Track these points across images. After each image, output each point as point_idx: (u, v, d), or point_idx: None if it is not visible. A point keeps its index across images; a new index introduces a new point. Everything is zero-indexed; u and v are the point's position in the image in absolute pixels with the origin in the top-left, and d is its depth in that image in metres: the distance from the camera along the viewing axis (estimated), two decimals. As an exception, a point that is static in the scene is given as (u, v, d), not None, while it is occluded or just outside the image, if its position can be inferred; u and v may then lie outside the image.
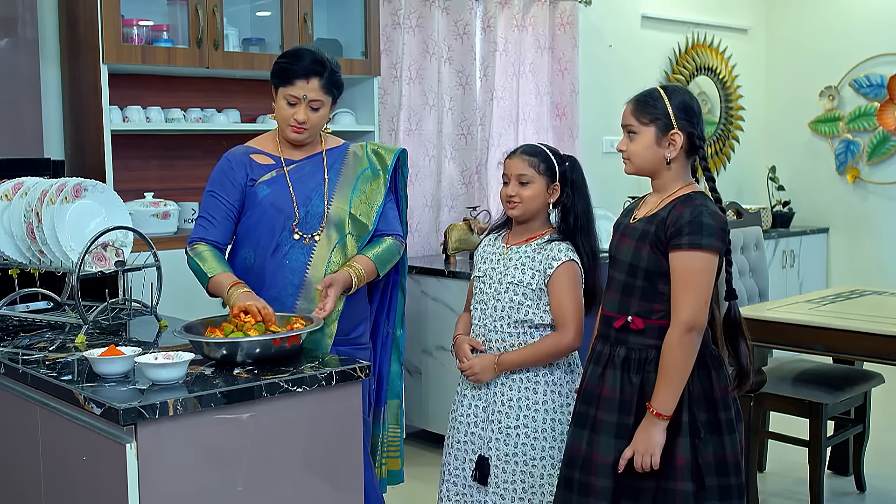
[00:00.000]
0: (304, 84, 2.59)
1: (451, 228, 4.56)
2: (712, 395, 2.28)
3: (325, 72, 2.60)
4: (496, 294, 2.63)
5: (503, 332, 2.62)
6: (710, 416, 2.28)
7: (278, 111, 2.64)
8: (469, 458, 2.65)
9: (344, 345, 2.67)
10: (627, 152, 2.36)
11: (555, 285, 2.58)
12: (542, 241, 2.63)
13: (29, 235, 2.76)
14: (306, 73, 2.58)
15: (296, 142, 2.68)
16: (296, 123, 2.61)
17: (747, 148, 6.72)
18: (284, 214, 2.63)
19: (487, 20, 4.98)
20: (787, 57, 6.71)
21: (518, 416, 2.59)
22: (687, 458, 2.25)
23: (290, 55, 2.63)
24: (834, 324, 3.24)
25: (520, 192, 2.62)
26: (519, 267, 2.61)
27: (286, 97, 2.60)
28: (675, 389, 2.23)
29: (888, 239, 6.32)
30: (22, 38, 3.61)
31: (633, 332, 2.30)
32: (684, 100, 2.31)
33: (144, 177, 3.95)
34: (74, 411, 2.09)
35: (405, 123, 4.73)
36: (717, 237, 2.22)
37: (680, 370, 2.23)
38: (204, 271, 2.59)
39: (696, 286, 2.21)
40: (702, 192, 2.32)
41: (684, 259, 2.22)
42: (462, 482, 2.66)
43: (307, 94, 2.59)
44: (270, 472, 2.11)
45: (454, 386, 2.81)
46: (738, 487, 2.29)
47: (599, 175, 5.78)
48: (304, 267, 2.63)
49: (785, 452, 4.02)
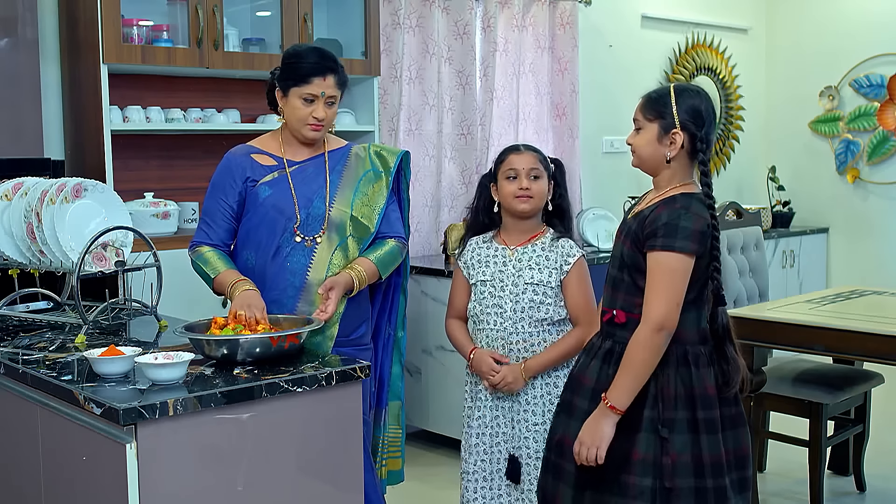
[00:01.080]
0: (322, 81, 2.61)
1: (451, 228, 4.56)
2: (692, 394, 2.27)
3: (338, 67, 2.65)
4: (513, 296, 2.64)
5: (524, 332, 2.65)
6: (688, 415, 2.26)
7: (292, 112, 2.64)
8: (496, 459, 2.68)
9: (345, 346, 2.68)
10: (634, 145, 2.38)
11: (571, 282, 2.65)
12: (550, 239, 2.68)
13: (29, 235, 2.76)
14: (323, 71, 2.61)
15: (314, 140, 2.69)
16: (315, 121, 2.63)
17: (747, 148, 6.72)
18: (286, 216, 2.64)
19: (487, 20, 4.98)
20: (787, 57, 6.71)
21: (543, 413, 2.64)
22: (646, 455, 2.24)
23: (299, 55, 2.64)
24: (834, 324, 3.24)
25: (532, 186, 2.66)
26: (535, 267, 2.65)
27: (302, 96, 2.62)
28: (633, 385, 2.23)
29: (888, 239, 6.32)
30: (22, 38, 3.61)
31: (617, 325, 2.32)
32: (694, 103, 2.30)
33: (144, 177, 3.95)
34: (74, 411, 2.09)
35: (405, 123, 4.73)
36: (692, 240, 2.21)
37: (641, 367, 2.23)
38: (207, 272, 2.61)
39: (668, 287, 2.21)
40: (690, 195, 2.30)
41: (657, 259, 2.23)
42: (495, 483, 2.68)
43: (325, 91, 2.62)
44: (270, 472, 2.11)
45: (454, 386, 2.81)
46: (715, 490, 2.25)
47: (599, 175, 5.79)
48: (304, 269, 2.63)
49: (785, 452, 4.02)
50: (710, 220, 2.27)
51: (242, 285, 2.52)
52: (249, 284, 2.54)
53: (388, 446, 2.92)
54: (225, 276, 2.58)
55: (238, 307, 2.41)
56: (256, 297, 2.47)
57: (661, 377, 2.26)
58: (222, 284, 2.58)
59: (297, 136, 2.69)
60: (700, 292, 2.30)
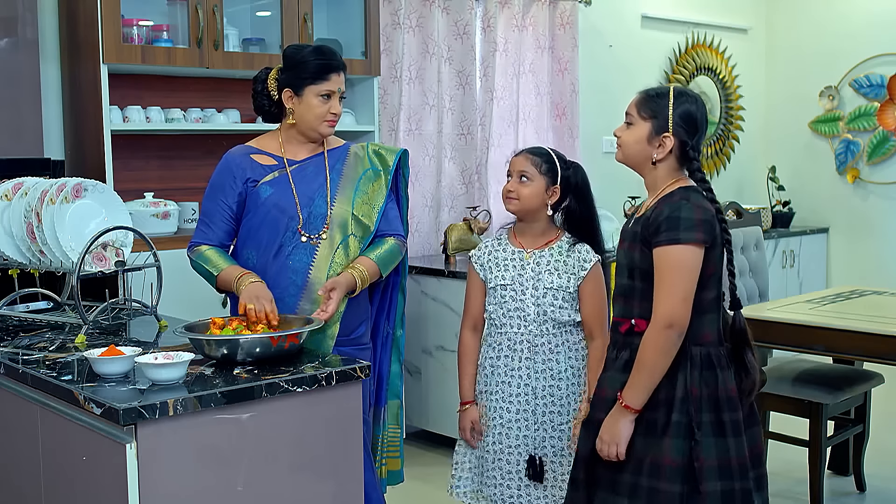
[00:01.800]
0: (338, 77, 2.66)
1: (451, 228, 4.56)
2: (716, 396, 2.25)
3: (345, 65, 2.72)
4: (535, 300, 2.65)
5: (549, 334, 2.66)
6: (714, 417, 2.24)
7: (308, 110, 2.65)
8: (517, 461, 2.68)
9: (345, 345, 2.68)
10: (621, 139, 2.36)
11: (588, 288, 2.66)
12: (567, 244, 2.68)
13: (29, 235, 2.76)
14: (338, 67, 2.67)
15: (327, 135, 2.72)
16: (333, 117, 2.67)
17: (747, 148, 6.72)
18: (287, 215, 2.64)
19: (487, 20, 4.98)
20: (787, 57, 6.71)
21: (568, 412, 2.66)
22: (676, 460, 2.22)
23: (311, 53, 2.65)
24: (834, 324, 3.24)
25: (518, 189, 2.66)
26: (553, 272, 2.65)
27: (320, 93, 2.64)
28: (647, 384, 2.22)
29: (888, 239, 6.32)
30: (22, 38, 3.61)
31: (637, 334, 2.28)
32: (690, 109, 2.28)
33: (144, 177, 3.95)
34: (74, 411, 2.09)
35: (405, 123, 4.74)
36: (696, 229, 2.18)
37: (653, 366, 2.21)
38: (209, 270, 2.61)
39: (674, 281, 2.18)
40: (688, 187, 2.28)
41: (663, 254, 2.21)
42: (516, 484, 2.68)
43: (340, 87, 2.67)
44: (270, 472, 2.11)
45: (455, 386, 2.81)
46: (742, 492, 2.24)
47: (599, 175, 5.78)
48: (307, 268, 2.63)
49: (785, 452, 4.02)
50: (713, 209, 2.25)
51: (248, 278, 2.53)
52: (255, 277, 2.54)
53: (387, 445, 2.92)
54: (229, 271, 2.58)
55: (247, 300, 2.41)
56: (263, 289, 2.48)
57: (687, 380, 2.23)
58: (227, 280, 2.58)
59: (309, 134, 2.69)
60: (719, 289, 2.27)
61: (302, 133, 2.70)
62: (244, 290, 2.48)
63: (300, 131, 2.70)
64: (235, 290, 2.53)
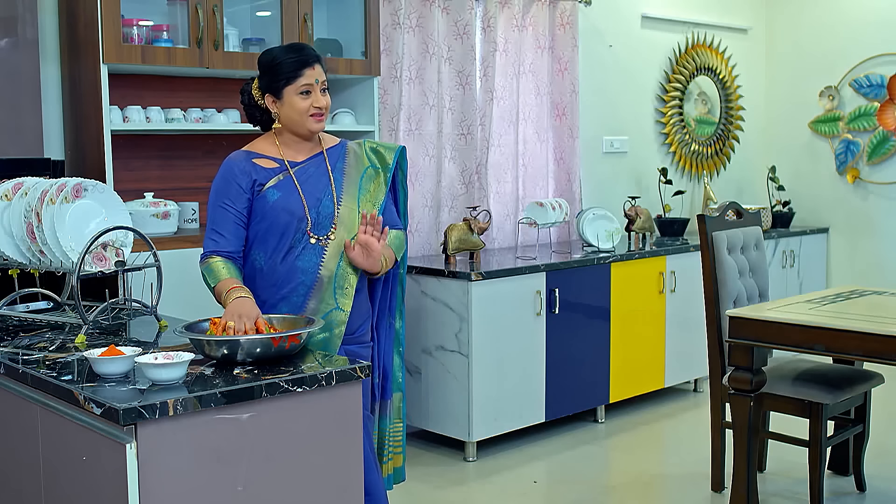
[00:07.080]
0: (312, 70, 2.66)
1: (451, 228, 4.55)
2: None
3: (319, 55, 2.71)
4: None
5: None
6: None
7: (292, 108, 2.66)
8: None
9: (350, 343, 2.71)
10: None
11: None
12: None
13: (29, 235, 2.76)
14: (310, 60, 2.66)
15: (318, 131, 2.72)
16: (318, 110, 2.67)
17: (747, 148, 6.72)
18: (296, 217, 2.65)
19: (487, 20, 4.98)
20: (787, 57, 6.71)
21: None
22: None
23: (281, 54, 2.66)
24: (834, 324, 3.24)
25: None
26: None
27: (298, 91, 2.64)
28: None
29: (888, 239, 6.32)
30: (22, 38, 3.61)
31: None
32: None
33: (144, 177, 3.95)
34: (74, 411, 2.09)
35: (405, 123, 4.74)
36: None
37: None
38: (209, 282, 2.61)
39: None
40: None
41: None
42: None
43: (318, 78, 2.66)
44: (270, 472, 2.11)
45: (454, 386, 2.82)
46: None
47: (599, 175, 5.79)
48: (316, 268, 2.65)
49: (785, 452, 4.02)
50: None
51: (236, 293, 2.49)
52: (244, 291, 2.51)
53: (392, 440, 2.93)
54: (223, 284, 2.56)
55: (228, 317, 2.37)
56: (248, 305, 2.44)
57: None
58: (220, 293, 2.57)
59: (299, 132, 2.70)
60: None
61: (293, 133, 2.71)
62: (229, 305, 2.46)
63: (291, 131, 2.71)
64: (223, 303, 2.52)
